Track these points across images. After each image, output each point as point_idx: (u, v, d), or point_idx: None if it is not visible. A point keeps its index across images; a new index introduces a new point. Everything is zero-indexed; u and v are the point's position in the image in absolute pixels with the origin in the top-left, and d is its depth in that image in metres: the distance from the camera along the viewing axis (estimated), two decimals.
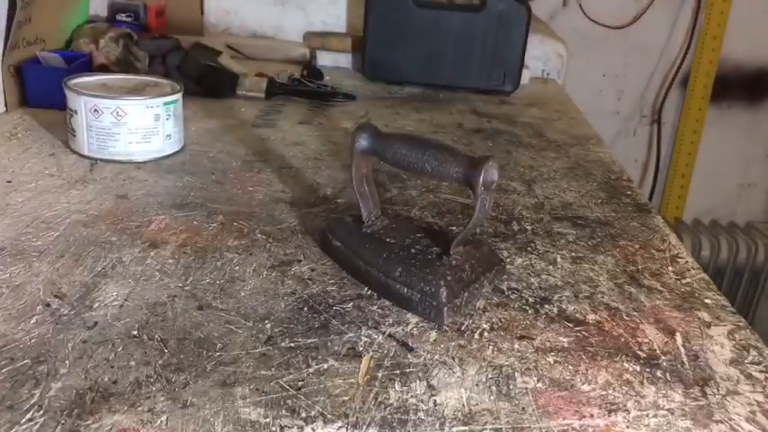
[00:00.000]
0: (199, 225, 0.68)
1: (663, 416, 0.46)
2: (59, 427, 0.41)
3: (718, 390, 0.49)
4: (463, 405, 0.45)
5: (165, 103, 0.82)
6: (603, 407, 0.46)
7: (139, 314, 0.52)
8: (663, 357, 0.52)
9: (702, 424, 0.45)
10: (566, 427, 0.44)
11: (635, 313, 0.58)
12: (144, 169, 0.80)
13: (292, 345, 0.50)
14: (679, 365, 0.52)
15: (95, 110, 0.79)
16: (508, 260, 0.66)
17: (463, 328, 0.54)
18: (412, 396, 0.46)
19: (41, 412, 0.42)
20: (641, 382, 0.49)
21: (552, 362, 0.51)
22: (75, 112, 0.80)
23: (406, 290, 0.56)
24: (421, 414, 0.44)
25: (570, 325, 0.56)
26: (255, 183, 0.79)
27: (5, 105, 0.95)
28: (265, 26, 1.46)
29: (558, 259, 0.67)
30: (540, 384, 0.48)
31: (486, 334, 0.54)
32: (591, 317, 0.57)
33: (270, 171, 0.83)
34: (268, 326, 0.52)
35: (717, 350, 0.54)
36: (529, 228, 0.73)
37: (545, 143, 1.04)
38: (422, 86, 1.31)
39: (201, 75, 1.11)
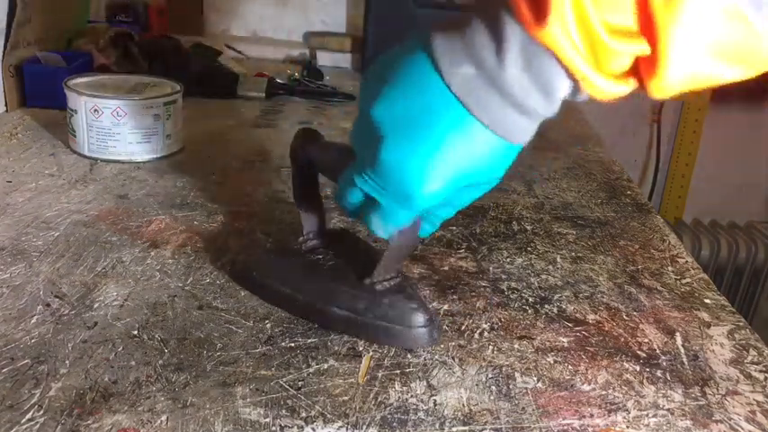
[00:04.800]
0: (199, 225, 0.68)
1: (663, 416, 0.46)
2: (59, 426, 0.41)
3: (717, 390, 0.49)
4: (463, 405, 0.45)
5: (165, 103, 0.82)
6: (603, 407, 0.46)
7: (139, 314, 0.52)
8: (663, 357, 0.52)
9: (702, 424, 0.45)
10: (566, 427, 0.44)
11: (635, 313, 0.58)
12: (144, 169, 0.80)
13: (292, 345, 0.50)
14: (679, 365, 0.52)
15: (95, 110, 0.79)
16: (508, 260, 0.66)
17: (463, 328, 0.54)
18: (412, 396, 0.46)
19: (41, 412, 0.42)
20: (641, 382, 0.49)
21: (552, 362, 0.51)
22: (76, 112, 0.80)
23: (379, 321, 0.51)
24: (421, 414, 0.44)
25: (570, 325, 0.56)
26: (255, 183, 0.79)
27: (5, 105, 0.95)
28: (265, 26, 1.46)
29: (558, 259, 0.67)
30: (540, 384, 0.48)
31: (486, 334, 0.54)
32: (591, 317, 0.57)
33: (270, 171, 0.83)
34: (268, 326, 0.52)
35: (717, 350, 0.54)
36: (529, 228, 0.73)
37: (545, 143, 1.04)
38: None
39: (201, 75, 1.11)
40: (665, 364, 0.52)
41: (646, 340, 0.54)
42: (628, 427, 0.45)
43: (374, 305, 0.51)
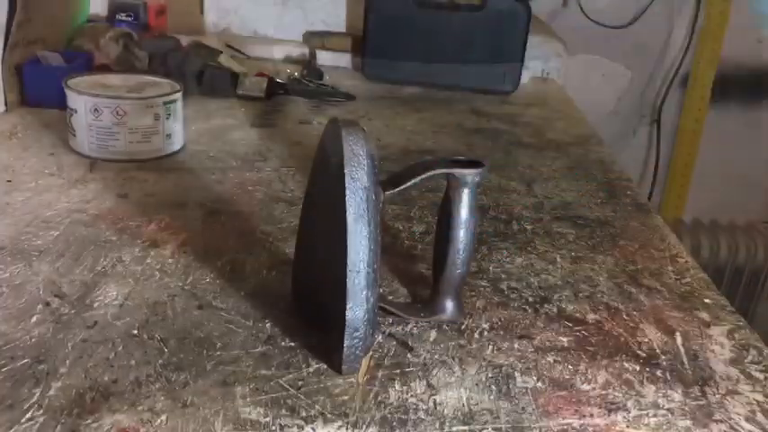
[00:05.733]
0: (199, 225, 0.68)
1: (663, 415, 0.46)
2: (59, 426, 0.41)
3: (717, 389, 0.49)
4: (463, 404, 0.46)
5: (165, 103, 0.82)
6: (603, 406, 0.46)
7: (139, 313, 0.52)
8: (663, 357, 0.52)
9: (702, 423, 0.45)
10: (565, 427, 0.44)
11: (635, 313, 0.58)
12: (144, 169, 0.80)
13: (292, 344, 0.50)
14: (679, 365, 0.52)
15: (95, 109, 0.79)
16: (508, 260, 0.66)
17: (463, 327, 0.54)
18: (412, 395, 0.46)
19: (41, 411, 0.42)
20: (641, 382, 0.49)
21: (552, 361, 0.51)
22: (76, 112, 0.80)
23: None
24: (421, 413, 0.44)
25: (570, 324, 0.56)
26: (255, 183, 0.79)
27: (5, 105, 0.95)
28: (265, 26, 1.46)
29: (558, 259, 0.67)
30: (539, 384, 0.48)
31: (485, 333, 0.54)
32: (591, 316, 0.57)
33: (270, 171, 0.83)
34: (268, 325, 0.52)
35: (716, 350, 0.54)
36: (529, 227, 0.73)
37: (545, 143, 1.04)
38: (422, 86, 1.31)
39: (201, 75, 1.11)
40: (665, 363, 0.52)
41: (646, 340, 0.54)
42: (628, 426, 0.45)
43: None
